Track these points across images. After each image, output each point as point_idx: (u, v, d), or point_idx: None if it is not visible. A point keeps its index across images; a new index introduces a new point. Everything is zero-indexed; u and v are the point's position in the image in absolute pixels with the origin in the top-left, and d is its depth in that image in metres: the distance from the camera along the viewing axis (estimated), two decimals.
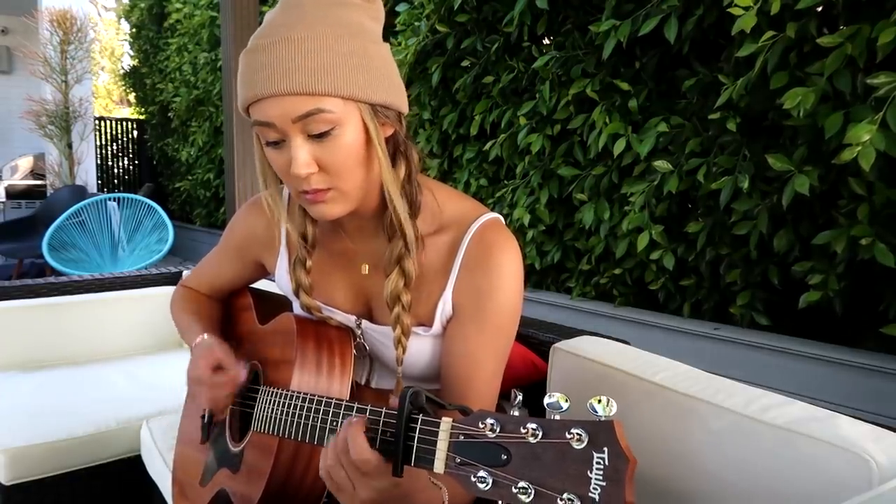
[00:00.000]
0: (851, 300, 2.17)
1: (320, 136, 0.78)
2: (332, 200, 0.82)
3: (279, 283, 1.03)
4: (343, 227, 0.95)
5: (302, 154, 0.78)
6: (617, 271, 2.83)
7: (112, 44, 13.87)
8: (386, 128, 0.83)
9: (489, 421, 0.55)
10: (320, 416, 0.79)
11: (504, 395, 0.93)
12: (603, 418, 0.50)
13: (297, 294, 0.96)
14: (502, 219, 0.93)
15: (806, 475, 0.83)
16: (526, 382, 1.29)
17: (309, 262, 0.95)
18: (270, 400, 0.89)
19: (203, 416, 1.05)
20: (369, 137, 0.80)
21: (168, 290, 2.26)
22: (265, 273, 1.11)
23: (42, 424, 1.62)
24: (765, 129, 2.30)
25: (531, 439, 0.52)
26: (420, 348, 0.92)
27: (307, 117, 0.76)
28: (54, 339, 2.10)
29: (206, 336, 1.03)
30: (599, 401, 0.51)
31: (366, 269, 0.94)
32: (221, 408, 0.99)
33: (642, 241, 2.57)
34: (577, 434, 0.50)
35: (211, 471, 1.05)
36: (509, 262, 0.87)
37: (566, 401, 0.53)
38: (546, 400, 0.53)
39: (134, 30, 7.65)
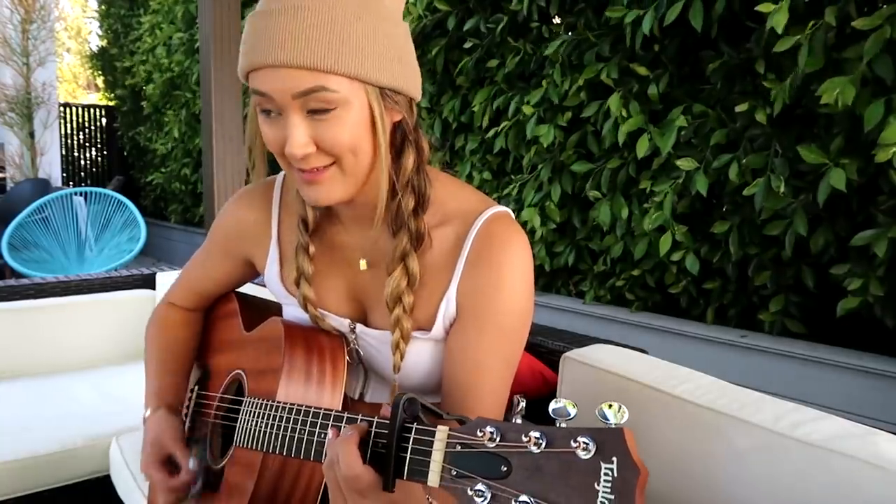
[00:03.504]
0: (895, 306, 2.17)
1: (320, 113, 0.78)
2: (331, 181, 0.83)
3: (269, 282, 1.04)
4: (339, 217, 0.95)
5: (299, 133, 0.78)
6: (635, 273, 2.83)
7: (78, 22, 13.90)
8: (394, 113, 0.84)
9: (489, 429, 0.55)
10: (307, 429, 0.80)
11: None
12: (613, 425, 0.51)
13: (297, 284, 0.96)
14: (512, 213, 0.93)
15: (841, 497, 0.83)
16: (534, 395, 1.29)
17: (312, 249, 0.95)
18: (254, 412, 0.89)
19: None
20: (374, 122, 0.81)
21: (140, 294, 2.28)
22: (255, 273, 1.11)
23: (1, 442, 1.63)
24: (797, 117, 2.31)
25: (534, 449, 0.52)
26: (418, 354, 0.92)
27: (309, 94, 0.77)
28: (14, 348, 2.10)
29: (155, 411, 1.07)
30: (611, 406, 0.51)
31: (364, 264, 0.94)
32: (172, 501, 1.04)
33: (665, 243, 2.57)
34: (584, 443, 0.50)
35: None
36: (517, 259, 0.88)
37: (574, 406, 0.53)
38: (552, 406, 0.53)
39: (103, 7, 7.67)
